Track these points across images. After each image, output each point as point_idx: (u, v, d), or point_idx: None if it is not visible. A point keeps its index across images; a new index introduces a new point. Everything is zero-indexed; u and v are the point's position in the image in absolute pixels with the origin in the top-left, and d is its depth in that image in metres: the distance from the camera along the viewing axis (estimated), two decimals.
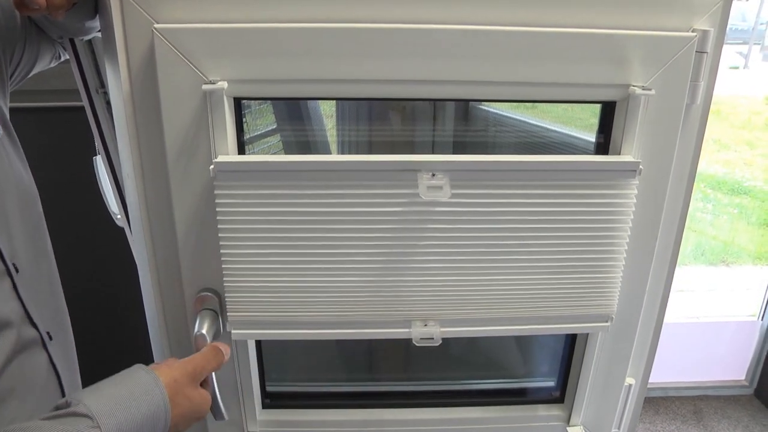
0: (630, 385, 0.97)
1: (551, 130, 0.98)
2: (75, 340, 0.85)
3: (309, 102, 1.02)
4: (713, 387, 2.43)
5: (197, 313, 0.82)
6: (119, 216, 1.00)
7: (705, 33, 0.74)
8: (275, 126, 1.00)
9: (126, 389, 0.59)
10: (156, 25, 0.69)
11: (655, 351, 0.96)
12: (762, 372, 2.39)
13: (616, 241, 0.81)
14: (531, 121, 1.00)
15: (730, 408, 2.36)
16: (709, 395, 2.42)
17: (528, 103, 0.97)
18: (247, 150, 0.83)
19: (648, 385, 1.00)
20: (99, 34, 0.79)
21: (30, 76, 0.81)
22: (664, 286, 0.91)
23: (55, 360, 0.75)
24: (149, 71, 0.72)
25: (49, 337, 0.74)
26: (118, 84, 0.73)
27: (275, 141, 1.00)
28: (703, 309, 2.56)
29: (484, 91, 0.77)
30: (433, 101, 0.96)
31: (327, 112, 1.06)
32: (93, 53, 0.88)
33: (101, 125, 0.93)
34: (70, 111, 1.44)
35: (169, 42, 0.70)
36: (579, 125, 0.93)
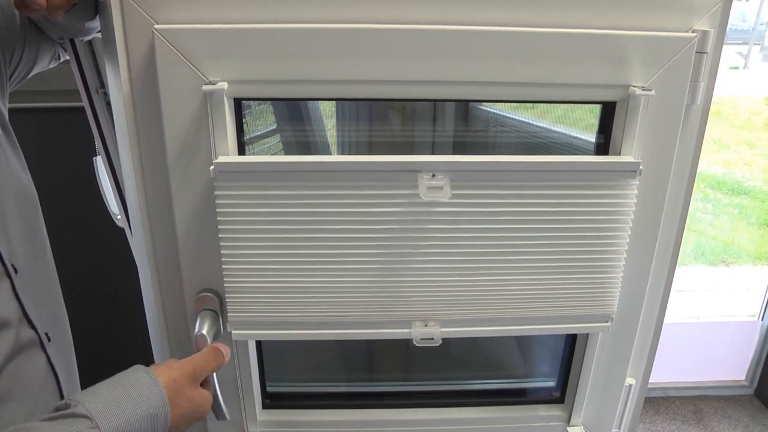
0: (630, 385, 0.97)
1: (551, 130, 0.98)
2: (74, 340, 0.85)
3: (309, 102, 1.02)
4: (713, 387, 2.44)
5: (197, 314, 0.82)
6: (119, 216, 1.00)
7: (705, 33, 0.74)
8: (275, 126, 1.00)
9: (125, 390, 0.59)
10: (156, 26, 0.69)
11: (656, 351, 0.96)
12: (762, 372, 2.39)
13: (616, 242, 0.81)
14: (531, 122, 1.00)
15: (730, 408, 2.36)
16: (709, 395, 2.43)
17: (528, 104, 0.97)
18: (247, 150, 0.83)
19: (648, 385, 1.00)
20: (99, 34, 0.79)
21: (29, 76, 0.81)
22: (664, 286, 0.91)
23: (54, 361, 0.75)
24: (149, 72, 0.72)
25: (48, 339, 0.74)
26: (118, 84, 0.73)
27: (275, 141, 1.00)
28: (704, 309, 2.56)
29: (484, 92, 0.77)
30: (433, 102, 0.96)
31: (327, 112, 1.06)
32: (93, 54, 0.88)
33: (101, 126, 0.93)
34: (69, 111, 1.44)
35: (170, 43, 0.70)
36: (579, 125, 0.93)
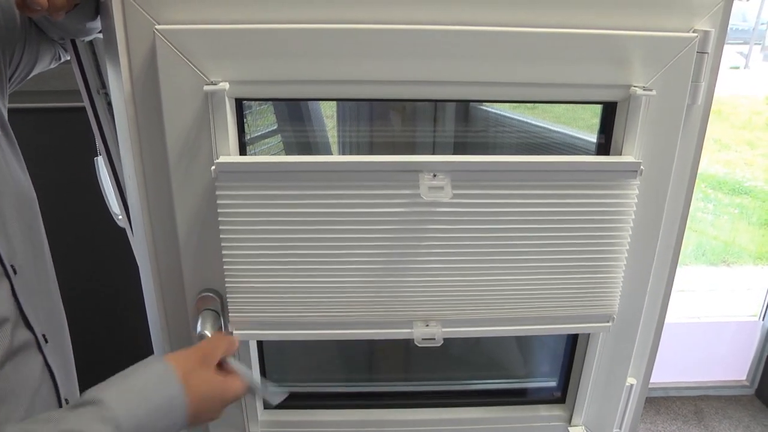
0: (631, 385, 0.97)
1: (552, 130, 0.98)
2: (74, 340, 0.85)
3: (310, 102, 1.02)
4: (714, 387, 2.43)
5: (199, 314, 0.82)
6: (120, 216, 1.00)
7: (706, 33, 0.74)
8: (276, 126, 1.00)
9: (129, 370, 0.62)
10: (157, 26, 0.69)
11: (657, 351, 0.96)
12: (763, 372, 2.39)
13: (617, 242, 0.81)
14: (532, 122, 1.00)
15: (731, 408, 2.36)
16: (710, 395, 2.42)
17: (529, 104, 0.97)
18: (248, 151, 0.83)
19: (649, 385, 1.00)
20: (100, 35, 0.79)
21: (30, 77, 0.81)
22: (665, 286, 0.91)
23: (51, 363, 0.74)
24: (151, 72, 0.72)
25: (45, 340, 0.73)
26: (119, 85, 0.74)
27: (276, 142, 1.00)
28: (704, 309, 2.55)
29: (484, 92, 0.77)
30: (434, 102, 0.96)
31: (328, 112, 1.06)
32: (94, 54, 0.88)
33: (102, 126, 0.93)
34: (70, 112, 1.44)
35: (171, 43, 0.70)
36: (580, 126, 0.93)
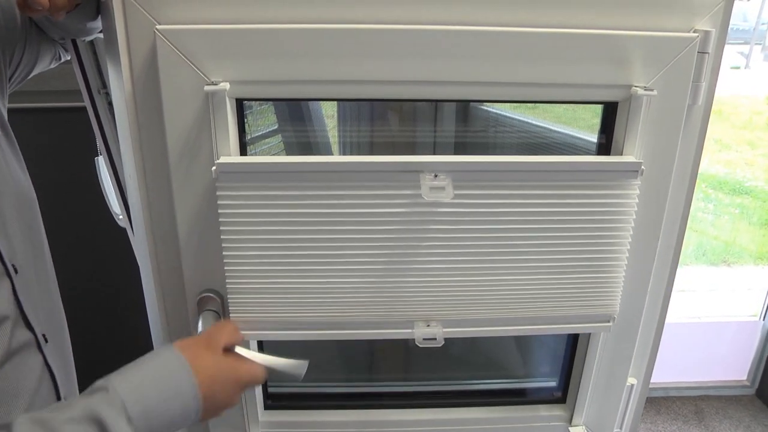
0: (632, 385, 0.97)
1: (553, 130, 0.98)
2: (74, 340, 0.85)
3: (310, 103, 1.02)
4: (715, 387, 2.43)
5: (199, 315, 0.82)
6: (121, 216, 1.00)
7: (707, 33, 0.74)
8: (276, 127, 1.00)
9: (137, 360, 0.63)
10: (158, 26, 0.69)
11: (657, 351, 0.96)
12: (763, 372, 2.39)
13: (617, 242, 0.81)
14: (533, 122, 1.00)
15: (731, 408, 2.36)
16: (711, 395, 2.42)
17: (529, 104, 0.97)
18: (249, 151, 0.83)
19: (650, 385, 1.00)
20: (101, 35, 0.79)
21: (30, 77, 0.81)
22: (665, 286, 0.90)
23: (51, 362, 0.74)
24: (151, 72, 0.72)
25: (45, 340, 0.73)
26: (120, 85, 0.74)
27: (276, 142, 1.00)
28: (705, 309, 2.55)
29: (485, 92, 0.77)
30: (435, 102, 0.96)
31: (328, 112, 1.06)
32: (95, 54, 0.88)
33: (103, 126, 0.93)
34: (70, 112, 1.44)
35: (171, 43, 0.70)
36: (581, 126, 0.93)
